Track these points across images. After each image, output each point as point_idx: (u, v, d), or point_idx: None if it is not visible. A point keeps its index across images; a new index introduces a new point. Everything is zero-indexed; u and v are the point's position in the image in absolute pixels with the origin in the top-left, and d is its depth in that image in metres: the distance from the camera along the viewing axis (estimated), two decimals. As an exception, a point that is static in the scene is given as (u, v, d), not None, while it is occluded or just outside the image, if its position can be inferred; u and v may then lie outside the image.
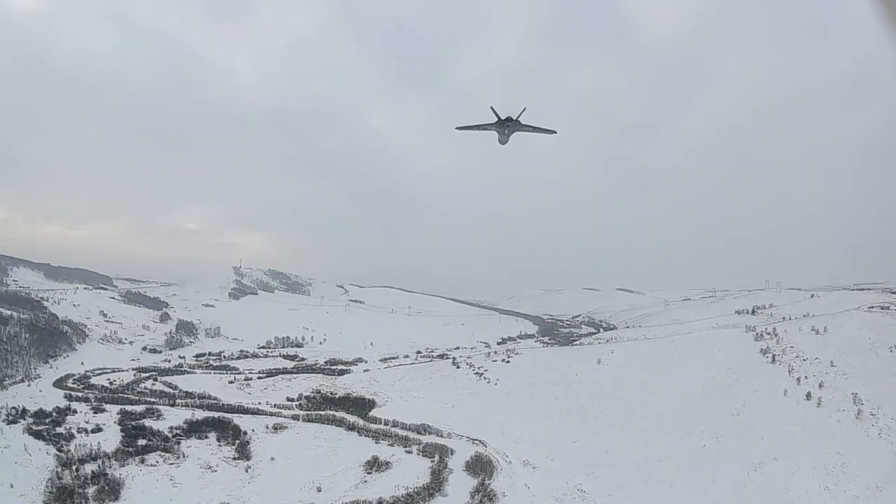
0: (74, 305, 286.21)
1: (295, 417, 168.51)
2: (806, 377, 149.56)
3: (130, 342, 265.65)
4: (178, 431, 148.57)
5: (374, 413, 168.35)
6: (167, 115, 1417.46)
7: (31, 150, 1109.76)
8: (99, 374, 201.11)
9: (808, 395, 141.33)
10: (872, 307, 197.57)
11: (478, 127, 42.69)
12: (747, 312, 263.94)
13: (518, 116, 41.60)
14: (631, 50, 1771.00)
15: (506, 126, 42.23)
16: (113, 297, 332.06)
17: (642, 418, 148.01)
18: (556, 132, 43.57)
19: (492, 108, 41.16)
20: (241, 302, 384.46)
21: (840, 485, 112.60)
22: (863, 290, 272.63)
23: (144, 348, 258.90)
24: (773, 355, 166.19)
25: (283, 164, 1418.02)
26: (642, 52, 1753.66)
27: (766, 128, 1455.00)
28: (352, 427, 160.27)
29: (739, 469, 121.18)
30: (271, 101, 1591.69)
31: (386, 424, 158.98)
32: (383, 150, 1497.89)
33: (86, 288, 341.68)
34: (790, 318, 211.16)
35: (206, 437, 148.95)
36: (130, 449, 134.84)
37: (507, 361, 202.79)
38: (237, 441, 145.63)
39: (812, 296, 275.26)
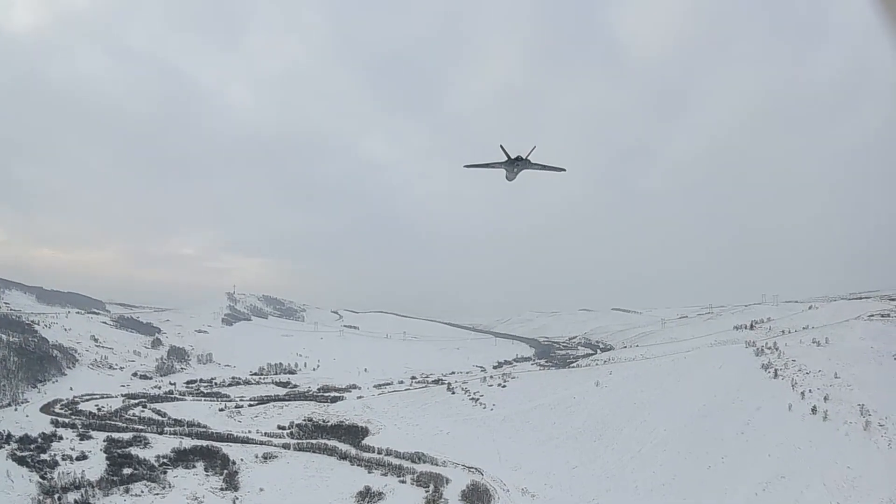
0: (66, 330, 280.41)
1: (286, 446, 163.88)
2: (810, 391, 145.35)
3: (121, 368, 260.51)
4: (164, 460, 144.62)
5: (367, 441, 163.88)
6: (163, 139, 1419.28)
7: (27, 172, 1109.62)
8: (87, 400, 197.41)
9: (814, 409, 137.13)
10: (872, 315, 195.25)
11: (486, 165, 41.98)
12: (745, 327, 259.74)
13: (528, 155, 40.42)
14: (621, 70, 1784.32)
15: (515, 165, 41.30)
16: (105, 322, 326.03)
17: (644, 440, 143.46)
18: (565, 170, 42.79)
19: (501, 146, 40.08)
20: (234, 328, 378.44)
21: (851, 500, 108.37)
22: (860, 298, 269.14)
23: (135, 374, 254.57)
24: (776, 370, 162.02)
25: (279, 190, 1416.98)
26: (633, 71, 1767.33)
27: (758, 139, 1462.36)
28: (344, 456, 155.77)
29: (748, 489, 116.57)
30: (266, 127, 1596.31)
31: (379, 453, 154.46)
32: (379, 177, 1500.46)
33: (78, 312, 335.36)
34: (789, 332, 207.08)
35: (194, 466, 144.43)
36: (115, 478, 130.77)
37: (504, 386, 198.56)
38: (225, 471, 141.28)
39: (810, 307, 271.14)
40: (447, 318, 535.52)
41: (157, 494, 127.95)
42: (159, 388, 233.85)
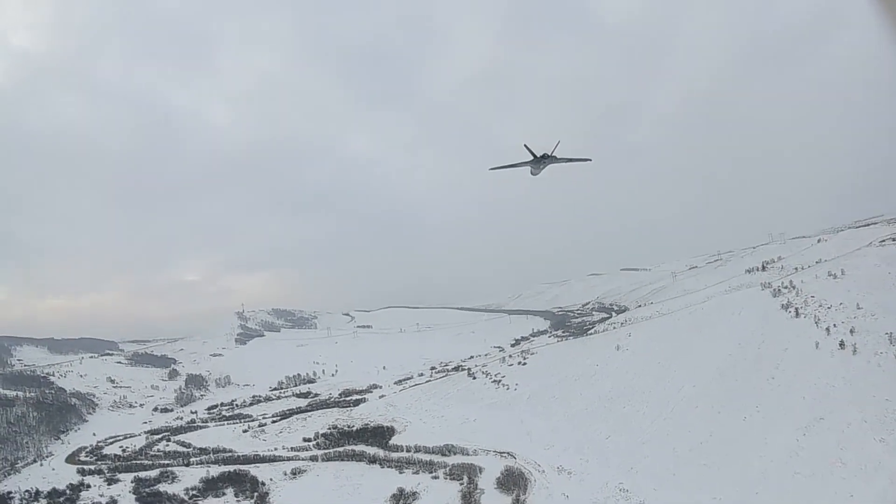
0: (81, 376, 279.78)
1: (313, 458, 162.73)
2: (835, 325, 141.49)
3: (141, 405, 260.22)
4: (194, 492, 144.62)
5: (394, 440, 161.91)
6: (149, 170, 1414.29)
7: (23, 226, 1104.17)
8: (112, 443, 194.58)
9: (842, 344, 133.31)
10: (884, 241, 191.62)
11: (512, 166, 42.77)
12: (757, 270, 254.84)
13: (553, 151, 41.33)
14: (595, 33, 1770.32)
15: (541, 162, 42.28)
16: (119, 362, 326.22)
17: (674, 400, 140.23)
18: (590, 160, 43.54)
19: (526, 146, 40.79)
20: (248, 346, 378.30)
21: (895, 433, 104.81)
22: (867, 225, 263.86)
23: (155, 409, 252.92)
24: (796, 308, 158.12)
25: (272, 202, 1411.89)
26: (606, 33, 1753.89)
27: (741, 77, 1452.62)
28: (373, 459, 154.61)
29: (787, 437, 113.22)
30: (249, 142, 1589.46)
31: (408, 451, 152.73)
32: (369, 172, 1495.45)
33: (91, 356, 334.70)
34: (803, 268, 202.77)
35: (224, 493, 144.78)
36: None
37: (524, 364, 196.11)
38: (255, 493, 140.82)
39: (818, 241, 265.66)
40: (459, 303, 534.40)
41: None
42: (181, 418, 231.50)
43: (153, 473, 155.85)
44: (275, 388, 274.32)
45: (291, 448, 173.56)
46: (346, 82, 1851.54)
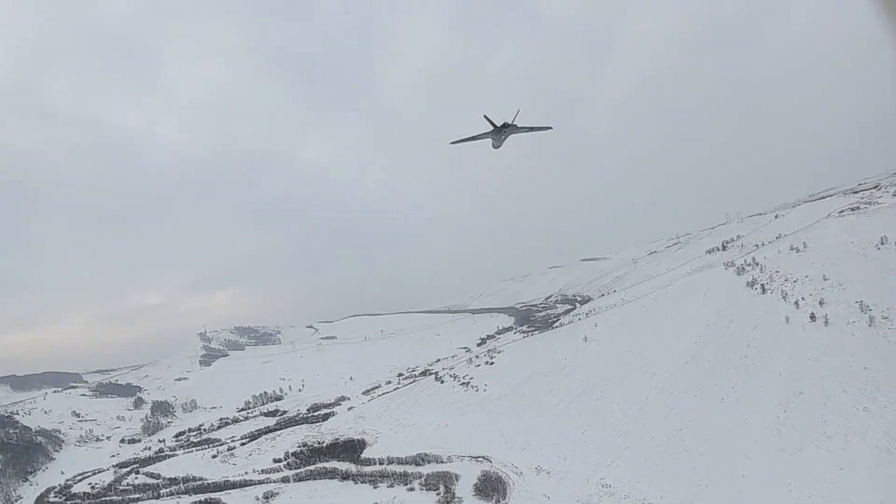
0: (45, 412, 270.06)
1: (285, 480, 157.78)
2: (803, 298, 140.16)
3: (108, 437, 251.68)
4: None
5: (366, 453, 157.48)
6: (108, 194, 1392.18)
7: None
8: (80, 480, 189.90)
9: (813, 317, 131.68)
10: (843, 211, 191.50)
11: (473, 138, 41.73)
12: (718, 250, 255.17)
13: (513, 119, 40.01)
14: (542, 27, 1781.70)
15: (502, 132, 41.25)
16: (84, 395, 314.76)
17: (647, 388, 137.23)
18: (552, 128, 43.05)
19: (486, 116, 39.76)
20: (213, 367, 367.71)
21: (878, 401, 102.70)
22: (823, 198, 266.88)
23: (123, 440, 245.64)
24: (762, 285, 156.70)
25: (230, 216, 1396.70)
26: (552, 26, 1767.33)
27: (687, 64, 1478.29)
28: (346, 476, 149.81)
29: (767, 415, 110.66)
30: (204, 156, 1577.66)
31: (381, 464, 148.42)
32: (325, 180, 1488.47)
33: (55, 390, 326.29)
34: (763, 244, 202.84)
35: None
36: None
37: (491, 363, 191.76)
38: None
39: (776, 216, 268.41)
40: (422, 307, 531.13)
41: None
42: (149, 448, 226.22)
43: None
44: (242, 409, 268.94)
45: (262, 470, 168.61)
46: (298, 90, 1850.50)
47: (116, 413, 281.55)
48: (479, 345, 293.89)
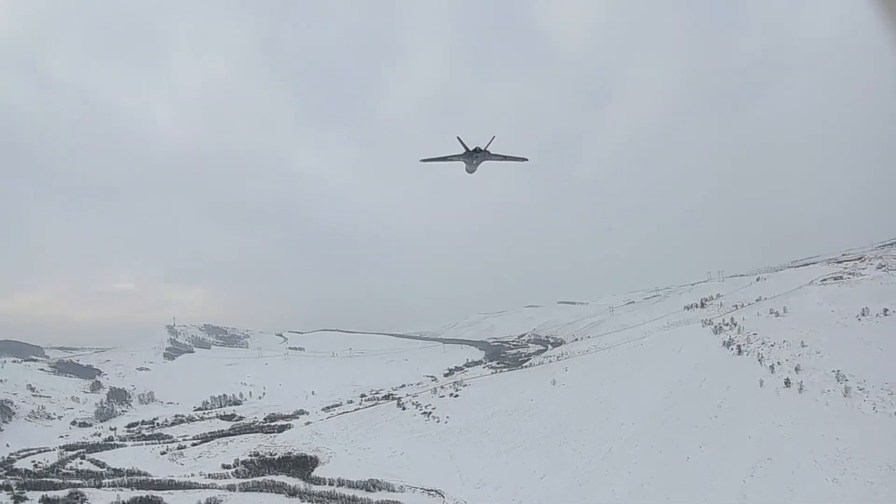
0: (1, 381, 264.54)
1: (230, 488, 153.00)
2: (779, 363, 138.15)
3: (59, 417, 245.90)
4: None
5: (317, 472, 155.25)
6: (90, 171, 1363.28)
7: None
8: (24, 456, 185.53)
9: (787, 382, 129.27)
10: (825, 280, 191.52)
11: (444, 158, 40.94)
12: (696, 306, 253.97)
13: (487, 146, 39.16)
14: (546, 64, 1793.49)
15: (474, 157, 40.26)
16: (42, 369, 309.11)
17: (613, 438, 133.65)
18: (527, 159, 41.90)
19: (458, 138, 38.99)
20: (176, 362, 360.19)
21: (848, 473, 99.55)
22: (807, 265, 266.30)
23: (74, 423, 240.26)
24: (738, 346, 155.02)
25: (212, 213, 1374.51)
26: (557, 65, 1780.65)
27: (683, 121, 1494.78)
28: (293, 492, 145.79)
29: (734, 478, 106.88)
30: (195, 149, 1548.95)
31: (331, 484, 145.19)
32: (312, 191, 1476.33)
33: (14, 360, 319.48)
34: (743, 305, 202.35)
35: None
36: None
37: (456, 396, 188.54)
38: None
39: (758, 279, 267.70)
40: (393, 330, 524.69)
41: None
42: (99, 434, 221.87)
43: (62, 494, 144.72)
44: (199, 408, 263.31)
45: (209, 475, 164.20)
46: (296, 98, 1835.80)
47: (72, 393, 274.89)
48: (446, 375, 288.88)
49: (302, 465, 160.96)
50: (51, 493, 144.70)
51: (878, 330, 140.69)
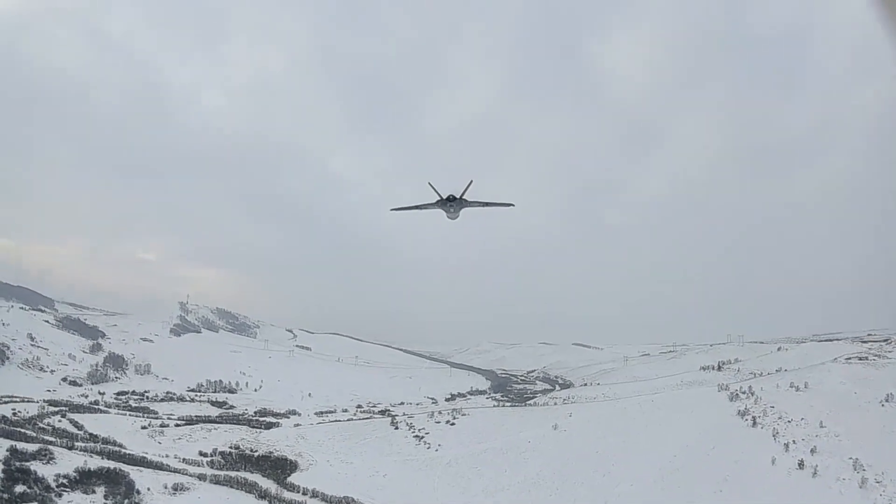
0: (3, 324, 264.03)
1: (201, 477, 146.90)
2: (794, 442, 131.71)
3: (52, 371, 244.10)
4: (64, 481, 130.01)
5: (293, 478, 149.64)
6: (130, 137, 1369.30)
7: None
8: (6, 402, 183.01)
9: (801, 464, 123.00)
10: (850, 358, 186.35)
11: (416, 207, 38.84)
12: (713, 369, 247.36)
13: (463, 193, 37.03)
14: (596, 103, 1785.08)
15: (448, 205, 37.88)
16: (47, 321, 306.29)
17: (607, 496, 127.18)
18: (513, 205, 40.31)
19: (430, 184, 37.26)
20: (181, 339, 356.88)
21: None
22: (831, 340, 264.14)
23: (65, 379, 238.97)
24: (754, 417, 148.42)
25: (243, 200, 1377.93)
26: (607, 105, 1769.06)
27: (726, 183, 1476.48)
28: (263, 495, 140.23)
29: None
30: (236, 135, 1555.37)
31: (304, 494, 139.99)
32: (346, 196, 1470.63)
33: (21, 308, 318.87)
34: (761, 374, 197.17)
35: (94, 491, 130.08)
36: (5, 495, 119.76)
37: (452, 423, 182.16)
38: (126, 501, 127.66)
39: (779, 349, 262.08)
40: (403, 345, 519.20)
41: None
42: (86, 396, 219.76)
43: (32, 448, 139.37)
44: (192, 389, 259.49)
45: (184, 459, 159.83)
46: (342, 102, 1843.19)
47: (71, 350, 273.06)
48: (447, 400, 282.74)
49: (280, 467, 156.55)
50: (21, 445, 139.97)
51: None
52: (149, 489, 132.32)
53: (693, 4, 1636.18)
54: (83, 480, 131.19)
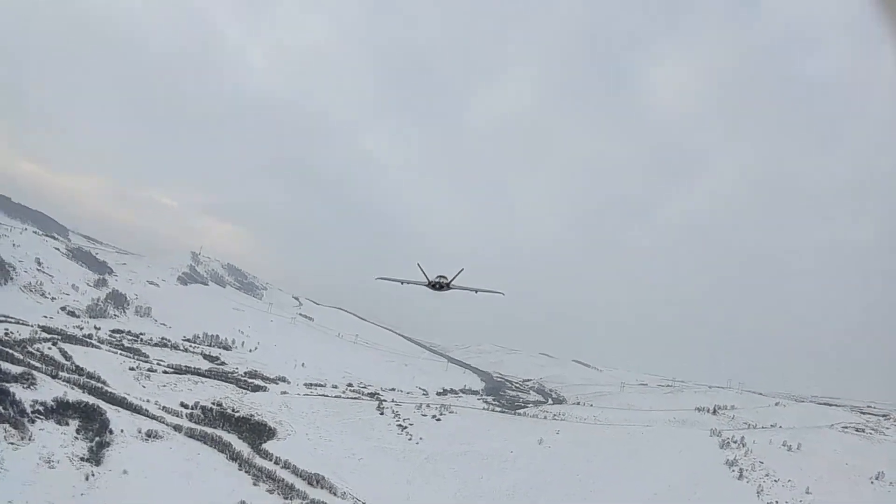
0: (14, 245, 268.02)
1: (177, 428, 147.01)
2: (777, 503, 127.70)
3: (53, 298, 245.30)
4: (40, 408, 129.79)
5: (269, 445, 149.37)
6: (173, 83, 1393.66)
7: (29, 85, 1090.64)
8: (1, 322, 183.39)
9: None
10: (846, 427, 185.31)
11: (403, 282, 40.63)
12: (708, 411, 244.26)
13: (452, 279, 38.34)
14: (635, 122, 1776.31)
15: (434, 288, 39.32)
16: (57, 248, 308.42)
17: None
18: (503, 294, 41.85)
19: (419, 265, 38.73)
20: (187, 288, 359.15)
21: None
22: (830, 405, 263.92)
23: (63, 308, 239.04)
24: (741, 469, 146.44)
25: (271, 163, 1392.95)
26: (646, 126, 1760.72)
27: (751, 220, 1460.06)
28: (235, 457, 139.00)
29: None
30: (273, 99, 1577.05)
31: (276, 463, 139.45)
32: (373, 174, 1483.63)
33: (35, 232, 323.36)
34: (755, 426, 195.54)
35: (67, 423, 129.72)
36: None
37: (438, 419, 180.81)
38: (97, 439, 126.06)
39: (777, 404, 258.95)
40: (404, 331, 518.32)
41: (12, 444, 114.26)
42: (81, 329, 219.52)
43: (16, 370, 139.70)
44: (188, 339, 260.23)
45: (164, 407, 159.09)
46: (384, 81, 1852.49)
47: (75, 282, 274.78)
48: (439, 393, 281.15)
49: (258, 432, 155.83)
50: (5, 365, 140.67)
51: (888, 500, 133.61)
52: (122, 431, 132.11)
53: (744, 40, 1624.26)
54: (59, 411, 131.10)
